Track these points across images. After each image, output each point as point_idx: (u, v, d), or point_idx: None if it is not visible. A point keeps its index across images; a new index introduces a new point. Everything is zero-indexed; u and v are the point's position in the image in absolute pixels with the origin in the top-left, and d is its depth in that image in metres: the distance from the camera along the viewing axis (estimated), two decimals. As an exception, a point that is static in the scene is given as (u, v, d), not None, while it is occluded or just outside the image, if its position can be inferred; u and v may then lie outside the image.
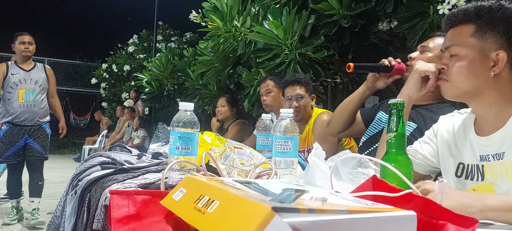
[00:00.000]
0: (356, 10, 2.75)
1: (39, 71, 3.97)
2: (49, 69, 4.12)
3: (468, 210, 0.83)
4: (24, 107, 3.79)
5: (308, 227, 0.48)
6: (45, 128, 3.95)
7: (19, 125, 3.78)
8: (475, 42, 1.07)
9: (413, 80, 1.28)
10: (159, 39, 9.48)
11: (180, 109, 1.06)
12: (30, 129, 3.84)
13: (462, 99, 1.14)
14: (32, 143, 3.85)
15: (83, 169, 1.22)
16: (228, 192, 0.61)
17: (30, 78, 3.87)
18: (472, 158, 1.13)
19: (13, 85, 3.80)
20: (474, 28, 1.08)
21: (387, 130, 0.92)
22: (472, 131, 1.16)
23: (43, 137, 3.91)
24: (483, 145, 1.11)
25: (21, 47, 3.88)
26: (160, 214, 0.78)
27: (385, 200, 0.67)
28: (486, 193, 1.05)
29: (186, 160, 1.01)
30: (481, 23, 1.07)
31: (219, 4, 3.51)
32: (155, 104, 7.12)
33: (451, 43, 1.12)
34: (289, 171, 1.10)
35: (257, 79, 3.50)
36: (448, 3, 2.26)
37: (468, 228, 0.59)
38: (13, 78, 3.81)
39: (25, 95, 3.81)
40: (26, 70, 3.89)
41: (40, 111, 3.88)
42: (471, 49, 1.07)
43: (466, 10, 1.10)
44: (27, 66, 3.92)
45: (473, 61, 1.07)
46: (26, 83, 3.84)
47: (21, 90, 3.80)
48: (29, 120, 3.81)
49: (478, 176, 1.10)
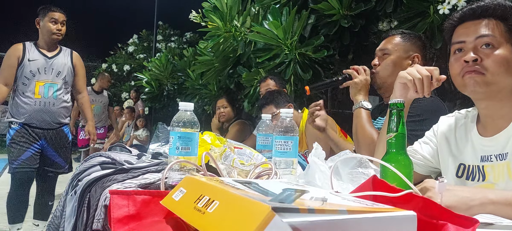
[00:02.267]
0: (356, 10, 2.75)
1: (64, 58, 3.02)
2: (77, 57, 3.14)
3: (469, 203, 0.83)
4: (40, 105, 2.88)
5: (308, 227, 0.47)
6: (66, 132, 3.08)
7: (34, 128, 2.91)
8: (510, 40, 1.06)
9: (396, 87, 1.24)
10: (159, 39, 9.49)
11: (180, 109, 1.06)
12: (48, 133, 2.95)
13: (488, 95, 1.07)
14: (51, 153, 2.98)
15: (83, 169, 1.22)
16: (228, 192, 0.61)
17: (52, 68, 2.93)
18: (473, 158, 1.13)
19: (29, 75, 2.87)
20: (503, 26, 1.07)
21: (387, 130, 0.92)
22: (474, 131, 1.15)
23: (64, 144, 3.05)
24: (486, 145, 1.10)
25: (50, 26, 2.92)
26: (160, 214, 0.78)
27: (385, 200, 0.67)
28: None
29: (186, 160, 1.01)
30: (508, 24, 1.07)
31: (219, 4, 3.51)
32: (155, 104, 7.13)
33: (488, 32, 1.05)
34: (289, 171, 1.10)
35: (257, 79, 3.50)
36: (448, 3, 2.26)
37: (468, 228, 0.59)
38: (30, 65, 2.88)
39: (43, 90, 2.89)
40: (47, 57, 2.94)
41: (61, 112, 2.99)
42: (508, 46, 1.05)
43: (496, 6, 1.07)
44: (51, 51, 2.97)
45: (510, 59, 1.04)
46: (46, 74, 2.91)
47: (38, 82, 2.88)
48: (46, 122, 2.93)
49: (479, 176, 1.10)
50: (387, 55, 1.71)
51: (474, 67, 1.05)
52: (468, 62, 1.05)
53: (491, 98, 1.08)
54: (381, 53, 1.73)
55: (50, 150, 2.97)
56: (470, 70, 1.06)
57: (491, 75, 1.04)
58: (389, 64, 1.70)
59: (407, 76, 1.17)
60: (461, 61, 1.08)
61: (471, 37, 1.08)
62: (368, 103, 1.63)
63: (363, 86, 1.66)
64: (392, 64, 1.70)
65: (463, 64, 1.07)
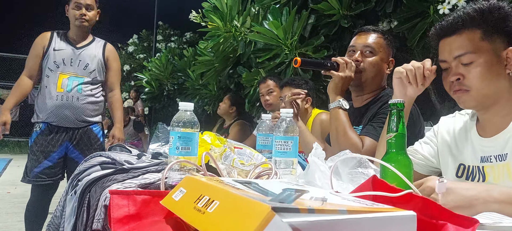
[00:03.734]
0: (356, 10, 2.75)
1: (95, 50, 2.67)
2: (111, 50, 2.77)
3: (473, 202, 0.83)
4: (62, 100, 2.52)
5: (308, 227, 0.47)
6: (96, 132, 2.70)
7: (57, 128, 2.56)
8: (488, 46, 1.05)
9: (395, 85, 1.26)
10: (159, 39, 9.50)
11: (180, 109, 1.06)
12: (73, 133, 2.59)
13: (481, 107, 1.10)
14: (76, 155, 2.59)
15: (83, 169, 1.22)
16: (228, 192, 0.61)
17: (79, 60, 2.59)
18: (472, 159, 1.13)
19: (53, 66, 2.55)
20: (480, 32, 1.06)
21: (387, 130, 0.92)
22: (473, 131, 1.16)
23: (93, 145, 2.64)
24: (485, 146, 1.10)
25: (74, 12, 2.58)
26: (160, 214, 0.78)
27: (385, 200, 0.67)
28: None
29: (186, 160, 1.01)
30: (487, 26, 1.06)
31: (219, 4, 3.51)
32: (155, 104, 7.13)
33: (462, 51, 1.07)
34: (289, 171, 1.10)
35: (257, 79, 3.50)
36: (448, 3, 2.26)
37: (468, 228, 0.59)
38: (55, 55, 2.57)
39: (66, 83, 2.54)
40: (75, 47, 2.61)
41: (86, 108, 2.59)
42: (487, 53, 1.05)
43: (466, 16, 1.07)
44: (80, 41, 2.64)
45: (492, 65, 1.05)
46: (71, 65, 2.57)
47: (62, 74, 2.54)
48: (69, 120, 2.55)
49: (479, 176, 1.10)
50: (371, 54, 1.63)
51: (459, 86, 1.09)
52: (453, 82, 1.10)
53: (484, 108, 1.10)
54: (364, 49, 1.64)
55: (75, 151, 2.59)
56: (456, 89, 1.10)
57: (476, 91, 1.07)
58: (375, 65, 1.63)
59: (400, 69, 1.22)
60: (447, 80, 1.12)
61: (450, 57, 1.10)
62: (346, 103, 1.56)
63: (345, 82, 1.57)
64: (377, 65, 1.63)
65: (450, 83, 1.11)
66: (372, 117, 1.60)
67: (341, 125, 1.52)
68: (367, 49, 1.64)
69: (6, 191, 5.35)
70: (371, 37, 1.66)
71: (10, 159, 9.21)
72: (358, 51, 1.64)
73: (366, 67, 1.62)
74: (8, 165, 8.21)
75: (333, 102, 1.57)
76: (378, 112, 1.58)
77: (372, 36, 1.66)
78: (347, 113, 1.56)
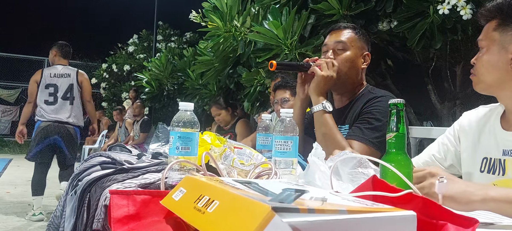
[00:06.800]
0: (356, 10, 2.74)
1: None
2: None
3: (470, 198, 0.84)
4: None
5: (308, 227, 0.47)
6: None
7: None
8: (497, 36, 1.10)
9: None
10: (159, 39, 9.50)
11: (180, 109, 1.06)
12: None
13: (489, 92, 1.16)
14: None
15: (83, 169, 1.21)
16: (228, 192, 0.61)
17: None
18: (495, 151, 1.15)
19: None
20: (496, 22, 1.11)
21: (387, 130, 0.92)
22: (497, 124, 1.17)
23: None
24: (508, 140, 1.12)
25: None
26: (160, 214, 0.78)
27: (385, 200, 0.67)
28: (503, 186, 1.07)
29: (186, 160, 1.01)
30: (503, 17, 1.10)
31: (219, 4, 3.51)
32: (155, 104, 7.12)
33: (480, 37, 1.16)
34: (289, 171, 1.10)
35: (257, 79, 3.50)
36: (448, 3, 2.26)
37: (468, 228, 0.59)
38: None
39: None
40: None
41: None
42: (492, 43, 1.11)
43: (492, 6, 1.13)
44: None
45: (492, 54, 1.11)
46: None
47: None
48: None
49: (499, 170, 1.12)
50: (343, 51, 1.61)
51: (473, 70, 1.19)
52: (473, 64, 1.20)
53: (496, 93, 1.16)
54: (336, 46, 1.62)
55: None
56: (471, 73, 1.19)
57: (478, 75, 1.16)
58: (348, 60, 1.60)
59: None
60: None
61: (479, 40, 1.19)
62: (329, 105, 1.54)
63: (327, 83, 1.55)
64: (350, 60, 1.61)
65: None
66: (356, 116, 1.58)
67: (328, 130, 1.50)
68: (339, 46, 1.62)
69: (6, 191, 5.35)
70: (342, 33, 1.65)
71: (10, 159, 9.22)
72: (330, 49, 1.63)
73: (339, 63, 1.60)
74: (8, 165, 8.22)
75: (316, 105, 1.55)
76: (361, 111, 1.56)
77: (343, 32, 1.65)
78: (332, 116, 1.54)
